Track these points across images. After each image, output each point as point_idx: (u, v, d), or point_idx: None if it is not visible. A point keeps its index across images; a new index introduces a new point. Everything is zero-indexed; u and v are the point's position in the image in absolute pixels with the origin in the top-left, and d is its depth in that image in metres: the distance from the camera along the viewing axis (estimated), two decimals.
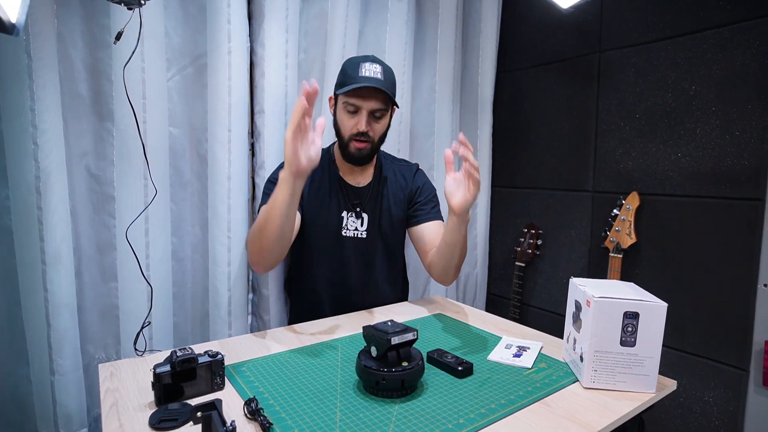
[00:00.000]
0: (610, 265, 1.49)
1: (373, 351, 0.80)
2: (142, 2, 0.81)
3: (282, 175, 0.94)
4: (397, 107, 1.23)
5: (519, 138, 1.89)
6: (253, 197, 1.40)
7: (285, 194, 0.95)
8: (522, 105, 1.87)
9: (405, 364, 0.78)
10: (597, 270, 1.63)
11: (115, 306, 1.16)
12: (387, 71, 1.16)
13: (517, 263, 1.82)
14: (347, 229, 1.24)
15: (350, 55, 1.50)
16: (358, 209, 1.24)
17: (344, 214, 1.24)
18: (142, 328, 0.94)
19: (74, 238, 1.09)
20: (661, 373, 0.81)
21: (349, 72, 1.14)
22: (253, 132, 1.37)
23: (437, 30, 1.68)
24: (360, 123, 1.14)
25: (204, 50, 1.23)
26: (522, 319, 1.81)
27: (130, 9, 0.82)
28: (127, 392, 0.79)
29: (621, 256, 1.47)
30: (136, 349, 0.93)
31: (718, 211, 1.32)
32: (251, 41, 1.32)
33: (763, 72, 1.22)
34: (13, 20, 0.60)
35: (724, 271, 1.32)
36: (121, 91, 1.03)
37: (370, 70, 1.12)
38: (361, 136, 1.15)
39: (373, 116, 1.15)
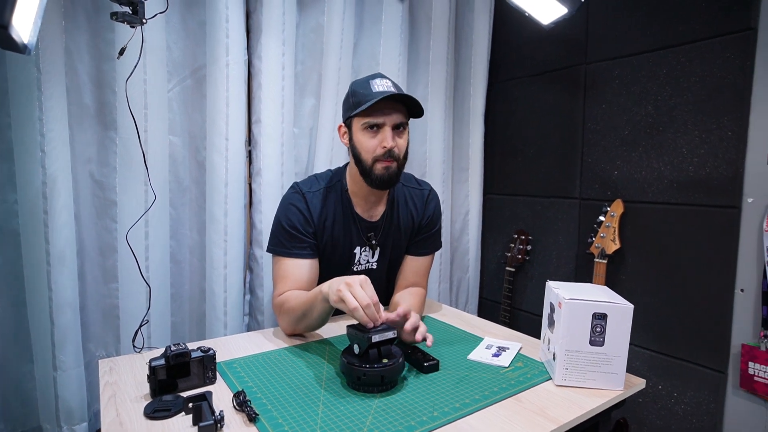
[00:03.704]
0: (595, 271, 1.54)
1: (356, 348, 0.85)
2: (144, 21, 0.87)
3: (326, 292, 0.92)
4: (413, 117, 1.11)
5: (510, 147, 1.94)
6: (251, 203, 1.46)
7: (327, 308, 0.96)
8: (512, 115, 1.93)
9: (385, 360, 0.83)
10: (584, 275, 1.67)
11: (116, 306, 1.22)
12: (396, 86, 1.09)
13: (507, 268, 1.86)
14: (359, 264, 1.20)
15: (347, 67, 1.57)
16: (373, 242, 1.19)
17: (357, 249, 1.19)
18: (141, 326, 0.99)
19: (78, 240, 1.15)
20: (644, 375, 0.85)
21: (360, 92, 1.05)
22: (250, 140, 1.44)
23: (430, 42, 1.75)
24: (385, 140, 1.04)
25: (203, 63, 1.30)
26: (512, 322, 1.85)
27: (132, 27, 0.88)
28: (125, 385, 0.84)
29: (605, 261, 1.52)
30: (134, 346, 0.98)
31: (696, 218, 1.37)
32: (249, 54, 1.39)
33: (737, 85, 1.27)
34: (26, 41, 0.66)
35: (703, 277, 1.36)
36: (123, 102, 1.10)
37: (381, 85, 1.05)
38: (387, 155, 1.05)
39: (396, 131, 1.07)
